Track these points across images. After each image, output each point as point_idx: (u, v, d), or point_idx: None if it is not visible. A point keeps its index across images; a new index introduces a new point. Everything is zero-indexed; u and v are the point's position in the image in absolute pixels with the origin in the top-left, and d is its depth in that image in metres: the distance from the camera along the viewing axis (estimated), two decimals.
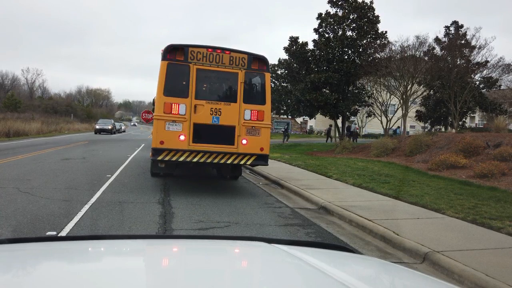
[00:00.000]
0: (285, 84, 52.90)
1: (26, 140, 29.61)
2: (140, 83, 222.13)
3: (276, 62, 60.28)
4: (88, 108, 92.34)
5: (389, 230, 6.15)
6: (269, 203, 8.69)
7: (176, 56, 8.60)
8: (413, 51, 21.00)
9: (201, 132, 8.64)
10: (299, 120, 61.87)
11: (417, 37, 21.44)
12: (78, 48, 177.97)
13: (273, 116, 60.83)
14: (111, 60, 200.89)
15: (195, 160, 8.57)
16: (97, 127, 47.74)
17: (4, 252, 1.62)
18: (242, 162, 8.86)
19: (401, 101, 21.39)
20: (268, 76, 9.03)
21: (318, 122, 63.79)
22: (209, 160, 8.64)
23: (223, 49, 8.83)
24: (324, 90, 22.77)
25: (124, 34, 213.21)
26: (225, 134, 8.72)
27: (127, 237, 2.21)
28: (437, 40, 27.12)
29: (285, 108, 60.05)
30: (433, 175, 11.99)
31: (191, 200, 8.31)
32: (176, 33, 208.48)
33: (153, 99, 10.50)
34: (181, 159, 8.52)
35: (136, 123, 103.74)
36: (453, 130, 23.67)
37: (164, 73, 8.53)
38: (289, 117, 61.33)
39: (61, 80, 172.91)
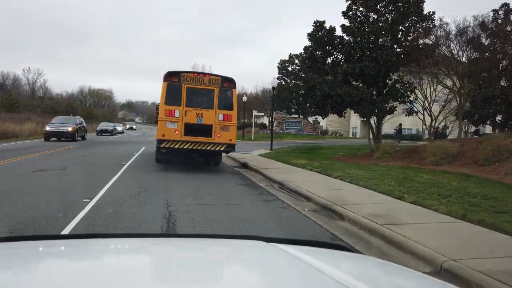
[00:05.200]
0: (297, 82, 49.40)
1: (12, 143, 26.24)
2: (143, 83, 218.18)
3: (287, 58, 57.33)
4: (90, 108, 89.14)
5: None
6: None
7: (173, 79, 12.39)
8: (472, 33, 17.29)
9: (189, 129, 12.24)
10: (311, 119, 58.10)
11: (475, 17, 17.71)
12: (82, 49, 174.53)
13: (284, 115, 57.17)
14: (114, 60, 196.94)
15: (185, 147, 12.22)
16: (48, 128, 27.69)
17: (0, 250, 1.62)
18: (217, 149, 12.57)
19: (457, 95, 17.70)
20: (235, 91, 12.89)
21: (330, 122, 60.15)
22: (195, 147, 12.33)
23: (204, 74, 13.41)
24: (355, 83, 19.15)
25: (127, 36, 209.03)
26: (206, 130, 12.35)
27: (125, 236, 2.36)
28: (482, 25, 23.45)
29: (296, 107, 56.59)
30: None
31: None
32: (178, 34, 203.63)
33: (157, 106, 15.68)
34: (176, 146, 12.19)
35: (133, 126, 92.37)
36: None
37: (165, 90, 12.33)
38: (300, 116, 57.66)
39: (64, 81, 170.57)
